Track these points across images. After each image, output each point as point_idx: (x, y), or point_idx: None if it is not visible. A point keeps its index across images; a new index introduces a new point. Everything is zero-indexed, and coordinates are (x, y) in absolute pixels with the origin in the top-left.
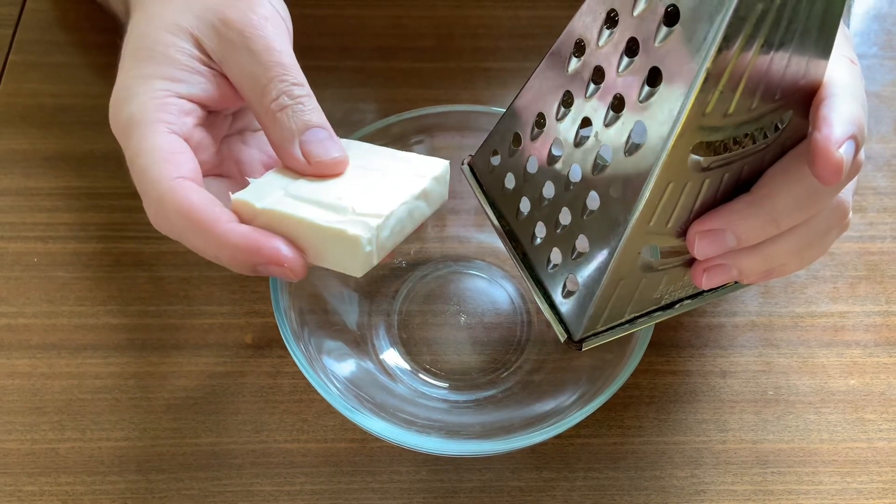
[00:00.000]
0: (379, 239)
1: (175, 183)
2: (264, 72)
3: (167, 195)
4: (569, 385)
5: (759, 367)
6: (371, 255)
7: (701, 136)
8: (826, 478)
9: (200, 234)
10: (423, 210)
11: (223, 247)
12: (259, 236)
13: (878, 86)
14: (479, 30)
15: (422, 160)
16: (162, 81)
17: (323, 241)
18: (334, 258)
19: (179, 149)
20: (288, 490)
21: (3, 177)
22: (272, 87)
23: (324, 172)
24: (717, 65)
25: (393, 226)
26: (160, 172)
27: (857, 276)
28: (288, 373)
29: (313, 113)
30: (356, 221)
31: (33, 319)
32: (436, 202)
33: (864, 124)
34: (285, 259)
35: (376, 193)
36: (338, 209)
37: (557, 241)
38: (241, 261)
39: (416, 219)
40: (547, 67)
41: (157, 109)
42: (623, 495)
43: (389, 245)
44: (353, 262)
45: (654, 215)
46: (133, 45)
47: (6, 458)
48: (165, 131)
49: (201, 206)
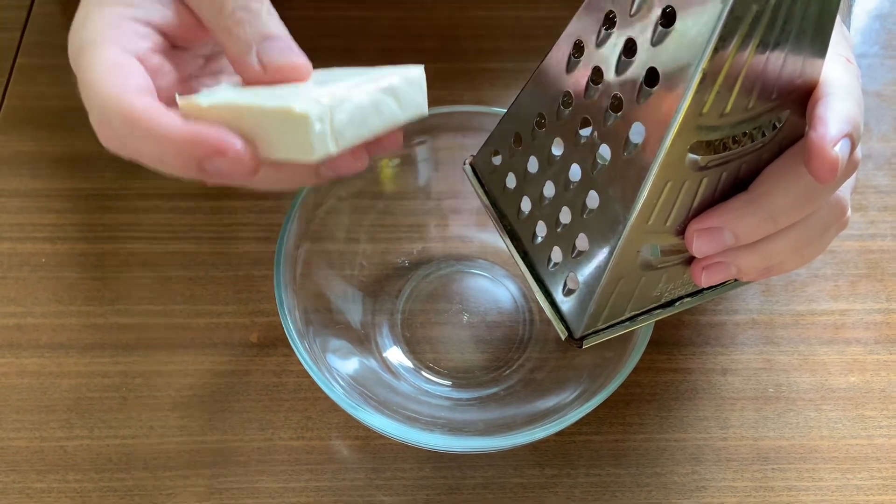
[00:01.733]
0: (334, 122)
1: (119, 89)
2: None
3: (110, 101)
4: (570, 383)
5: (760, 364)
6: (324, 137)
7: (698, 136)
8: (826, 474)
9: (144, 137)
10: (394, 110)
11: (165, 143)
12: (201, 127)
13: (878, 84)
14: (482, 31)
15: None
16: (117, 7)
17: (272, 127)
18: (286, 145)
19: (129, 63)
20: (293, 487)
21: (11, 178)
22: (228, 4)
23: (282, 78)
24: (714, 65)
25: (352, 111)
26: (106, 82)
27: (857, 274)
28: (293, 371)
29: (271, 24)
30: (305, 100)
31: (42, 319)
32: (410, 108)
33: (860, 123)
34: (230, 147)
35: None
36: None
37: (558, 240)
38: (186, 156)
39: (384, 116)
40: (547, 68)
41: (111, 32)
42: (624, 492)
43: (350, 134)
44: (304, 145)
45: (652, 214)
46: None
47: (15, 455)
48: (117, 49)
49: (143, 106)
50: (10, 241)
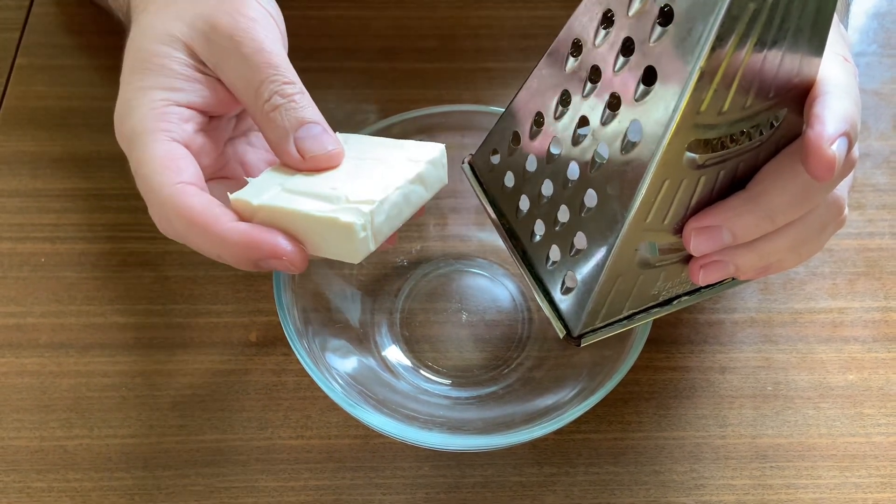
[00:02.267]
0: (374, 224)
1: (176, 188)
2: (255, 74)
3: (168, 200)
4: (569, 381)
5: (759, 362)
6: (367, 241)
7: (696, 134)
8: (825, 472)
9: (202, 235)
10: (421, 194)
11: (224, 245)
12: (257, 232)
13: (876, 83)
14: (481, 30)
15: (417, 146)
16: (160, 92)
17: (319, 231)
18: (332, 247)
19: (180, 155)
20: (292, 486)
21: (11, 178)
22: (264, 89)
23: (320, 166)
24: (711, 63)
25: (388, 210)
26: (161, 179)
27: (855, 272)
28: (292, 370)
29: (306, 109)
30: (349, 209)
31: (42, 319)
32: (434, 186)
33: (856, 122)
34: (283, 252)
35: (371, 181)
36: (332, 199)
37: (556, 239)
38: (242, 257)
39: (413, 203)
40: (545, 67)
41: (157, 119)
42: (623, 490)
43: (386, 230)
44: (349, 249)
45: (650, 212)
46: (131, 58)
47: (15, 455)
48: (166, 139)
49: (201, 208)
50: (10, 241)
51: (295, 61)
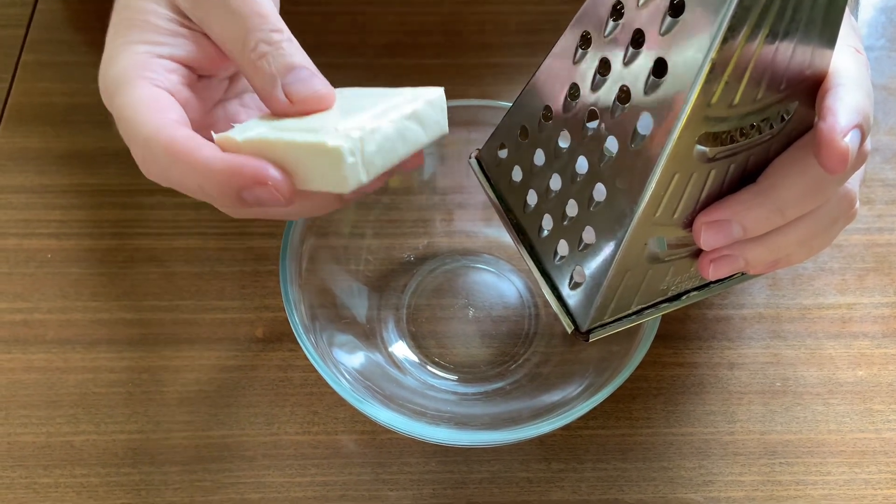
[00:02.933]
0: (364, 153)
1: (160, 122)
2: (241, 23)
3: (152, 135)
4: (576, 377)
5: (767, 358)
6: (356, 168)
7: (706, 127)
8: (834, 468)
9: (185, 167)
10: (418, 134)
11: (207, 174)
12: (241, 159)
13: (885, 78)
14: (487, 25)
15: (416, 89)
16: (144, 45)
17: (306, 160)
18: (320, 176)
19: (163, 97)
20: (299, 481)
21: (17, 174)
22: (250, 38)
23: (309, 109)
24: (722, 55)
25: (381, 142)
26: (145, 117)
27: (865, 267)
28: (299, 366)
29: (293, 55)
30: (337, 135)
31: (48, 315)
32: (432, 129)
33: (869, 114)
34: (269, 177)
35: (363, 115)
36: (320, 129)
37: (564, 234)
38: (226, 187)
39: (410, 140)
40: (553, 60)
41: (141, 67)
42: (631, 486)
43: (380, 162)
44: (338, 177)
45: (660, 206)
46: (116, 17)
47: (22, 450)
48: (149, 85)
49: (184, 138)
50: (16, 238)
51: None
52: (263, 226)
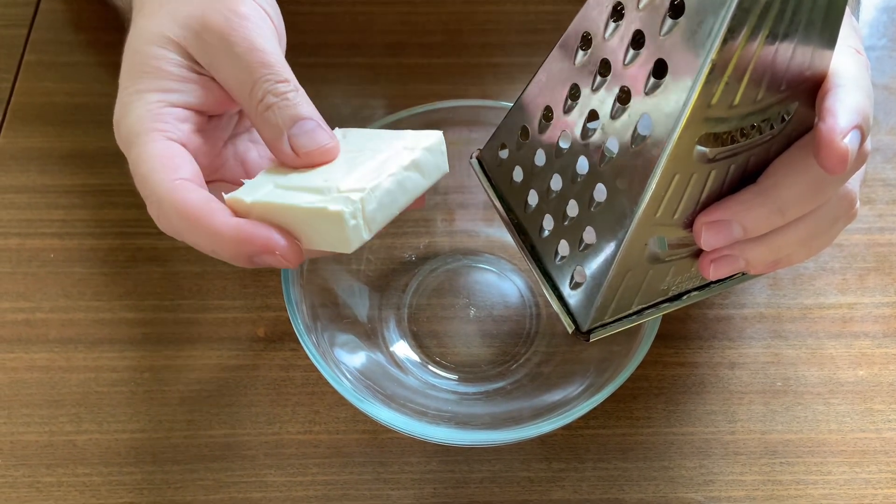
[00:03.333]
0: (365, 212)
1: (174, 184)
2: (248, 74)
3: (166, 196)
4: (577, 376)
5: (768, 358)
6: (358, 229)
7: (707, 128)
8: (835, 468)
9: (198, 231)
10: (418, 181)
11: (218, 241)
12: (250, 227)
13: (886, 78)
14: (488, 25)
15: (415, 134)
16: (155, 94)
17: (311, 223)
18: (325, 238)
19: (177, 153)
20: (300, 481)
21: (19, 174)
22: (257, 88)
23: (314, 162)
24: (722, 56)
25: (381, 198)
26: (159, 176)
27: (865, 267)
28: (300, 365)
29: (299, 106)
30: (338, 198)
31: (51, 314)
32: (432, 173)
33: (869, 114)
34: (276, 246)
35: (363, 170)
36: (323, 190)
37: (565, 234)
38: (237, 252)
39: (409, 190)
40: (554, 61)
41: (154, 119)
42: (632, 486)
43: (381, 218)
44: (341, 239)
45: (660, 207)
46: (127, 62)
47: (25, 449)
48: (162, 138)
49: (197, 203)
50: (19, 237)
51: (301, 57)
52: None
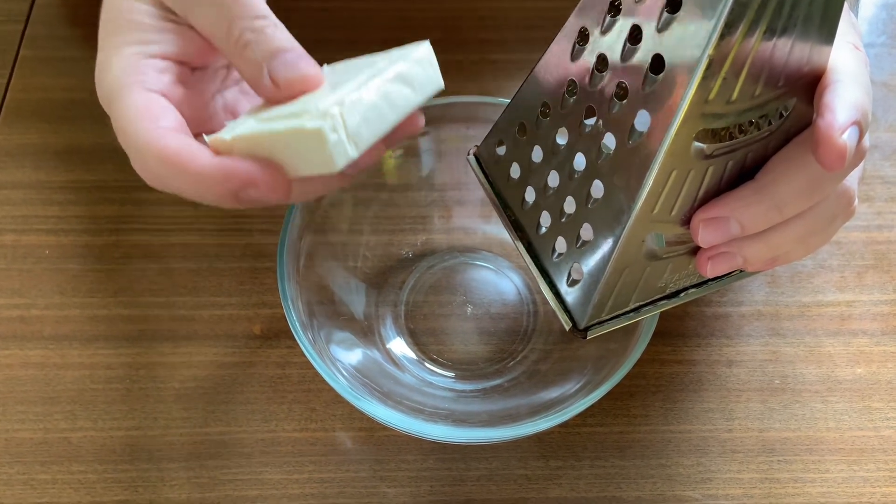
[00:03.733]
0: (347, 126)
1: (153, 132)
2: (224, 13)
3: (146, 145)
4: (574, 374)
5: (766, 356)
6: (342, 144)
7: (704, 124)
8: (833, 466)
9: (180, 175)
10: (408, 96)
11: (201, 181)
12: (230, 162)
13: (885, 75)
14: (486, 21)
15: (403, 48)
16: (133, 46)
17: (293, 148)
18: (309, 161)
19: (156, 103)
20: (296, 478)
21: (15, 170)
22: (234, 27)
23: (296, 91)
24: (720, 51)
25: (365, 112)
26: (138, 126)
27: (864, 265)
28: (296, 363)
29: (278, 39)
30: (316, 114)
31: (45, 311)
32: (424, 87)
33: (868, 110)
34: (259, 178)
35: (344, 89)
36: (301, 114)
37: (562, 231)
38: (222, 191)
39: (399, 105)
40: (551, 57)
41: (132, 72)
42: (629, 483)
43: (367, 133)
44: (325, 158)
45: (657, 203)
46: (104, 18)
47: (19, 447)
48: (141, 90)
49: (177, 146)
50: (14, 234)
51: None
52: (261, 222)
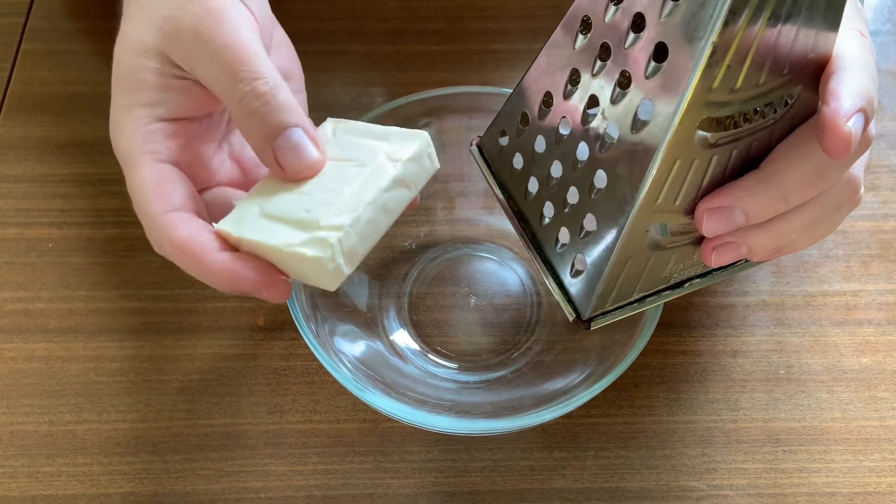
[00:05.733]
0: (344, 249)
1: (165, 218)
2: (225, 72)
3: (158, 230)
4: (578, 365)
5: (771, 346)
6: (339, 269)
7: (708, 112)
8: (838, 456)
9: (191, 264)
10: (402, 196)
11: (209, 276)
12: (238, 268)
13: (891, 63)
14: (488, 11)
15: (402, 138)
16: (141, 109)
17: (294, 263)
18: (309, 276)
19: (168, 178)
20: (301, 470)
21: (17, 164)
22: (236, 91)
23: (301, 177)
24: (724, 38)
25: (361, 231)
26: (150, 207)
27: (869, 254)
28: (300, 355)
29: (282, 110)
30: (316, 241)
31: (50, 304)
32: (419, 180)
33: (873, 98)
34: (264, 289)
35: (343, 197)
36: (305, 225)
37: (565, 221)
38: (229, 288)
39: (393, 209)
40: (554, 45)
41: (142, 140)
42: (634, 474)
43: (363, 248)
44: (324, 278)
45: (661, 193)
46: (115, 73)
47: (25, 439)
48: (151, 162)
49: (189, 239)
50: (17, 227)
51: (299, 45)
52: None
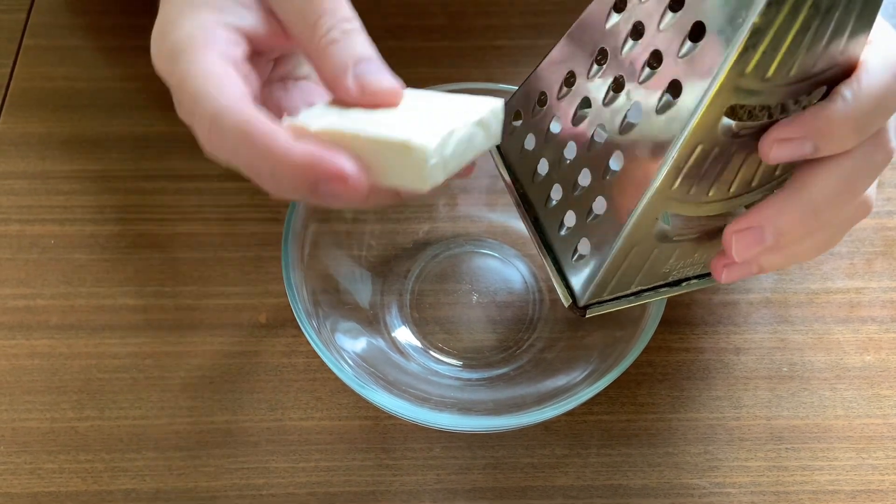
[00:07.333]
0: (443, 154)
1: (233, 99)
2: (313, 8)
3: (224, 110)
4: (580, 362)
5: (774, 343)
6: (437, 168)
7: (736, 98)
8: (841, 453)
9: (258, 150)
10: (481, 140)
11: (284, 163)
12: (321, 151)
13: None
14: (491, 7)
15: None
16: (209, 12)
17: (385, 156)
18: (398, 174)
19: (234, 72)
20: (303, 467)
21: (19, 160)
22: (322, 23)
23: (378, 102)
24: (766, 19)
25: (455, 146)
26: (216, 90)
27: (873, 251)
28: (302, 352)
29: (365, 46)
30: (420, 132)
31: (52, 301)
32: (491, 137)
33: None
34: (350, 174)
35: (435, 118)
36: (398, 125)
37: (573, 204)
38: (302, 178)
39: (475, 146)
40: (584, 23)
41: (205, 37)
42: (636, 472)
43: (452, 166)
44: (419, 176)
45: (678, 178)
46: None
47: (27, 436)
48: (216, 56)
49: (261, 120)
50: (19, 224)
51: None
52: (267, 211)
